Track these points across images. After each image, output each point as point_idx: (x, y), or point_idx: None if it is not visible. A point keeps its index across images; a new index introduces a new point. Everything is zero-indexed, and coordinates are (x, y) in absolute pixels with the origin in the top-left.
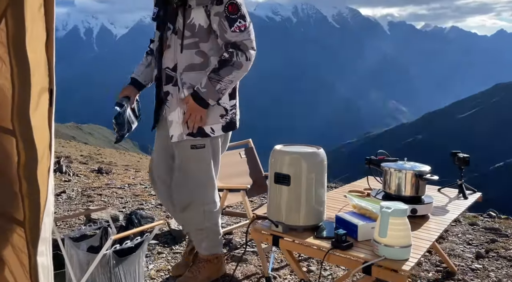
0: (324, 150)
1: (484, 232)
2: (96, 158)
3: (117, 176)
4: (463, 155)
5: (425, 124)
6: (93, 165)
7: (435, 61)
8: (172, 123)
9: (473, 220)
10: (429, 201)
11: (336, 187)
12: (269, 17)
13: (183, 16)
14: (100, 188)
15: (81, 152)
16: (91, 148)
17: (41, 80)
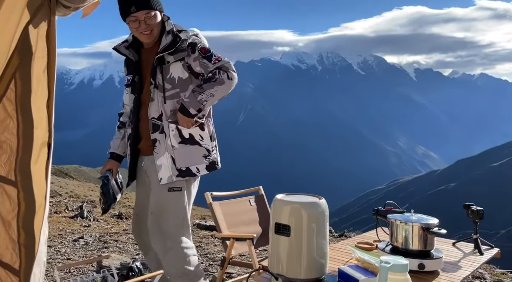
0: (352, 197)
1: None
2: (123, 201)
3: None
4: (477, 208)
5: (458, 172)
6: (120, 208)
7: (465, 108)
8: (161, 168)
9: (500, 277)
10: (438, 256)
11: (350, 236)
12: (295, 65)
13: (161, 73)
14: (118, 234)
15: None
16: None
17: (42, 135)
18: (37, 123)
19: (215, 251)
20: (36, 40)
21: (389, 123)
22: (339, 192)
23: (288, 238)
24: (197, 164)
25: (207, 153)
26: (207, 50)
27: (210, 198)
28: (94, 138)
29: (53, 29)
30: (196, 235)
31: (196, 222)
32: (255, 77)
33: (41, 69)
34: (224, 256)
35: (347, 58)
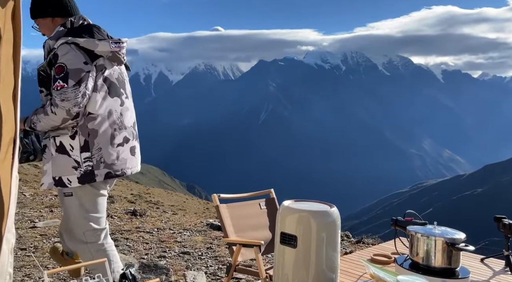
0: (374, 200)
1: None
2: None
3: (150, 219)
4: (509, 221)
5: (485, 177)
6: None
7: (494, 111)
8: (45, 173)
9: None
10: (465, 275)
11: (373, 243)
12: (318, 65)
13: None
14: (129, 231)
15: (131, 190)
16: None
17: (10, 130)
18: (5, 117)
19: (225, 254)
20: (4, 21)
21: (414, 126)
22: (361, 195)
23: (294, 250)
24: (68, 175)
25: (76, 164)
26: (60, 71)
27: (217, 200)
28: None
29: (19, 9)
30: (207, 236)
31: (210, 221)
32: (277, 77)
33: (9, 54)
34: (230, 262)
35: (372, 59)
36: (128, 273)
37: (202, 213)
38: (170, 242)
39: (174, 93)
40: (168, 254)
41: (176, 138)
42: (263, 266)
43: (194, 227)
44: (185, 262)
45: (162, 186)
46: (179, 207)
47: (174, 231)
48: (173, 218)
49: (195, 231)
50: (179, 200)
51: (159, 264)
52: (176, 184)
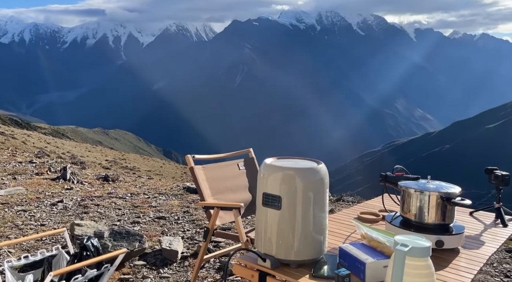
0: (348, 159)
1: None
2: (120, 162)
3: (123, 184)
4: (502, 172)
5: (453, 134)
6: (117, 170)
7: (464, 69)
8: None
9: (510, 244)
10: (459, 231)
11: (352, 201)
12: (293, 24)
13: None
14: (101, 198)
15: (106, 156)
16: (116, 153)
17: None
18: None
19: (203, 218)
20: None
21: (388, 86)
22: (335, 154)
23: (278, 211)
24: None
25: None
26: None
27: (191, 161)
28: (88, 99)
29: None
30: (184, 199)
31: (186, 185)
32: (252, 38)
33: None
34: (207, 227)
35: (346, 18)
36: (89, 244)
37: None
38: (145, 207)
39: (145, 56)
40: (142, 220)
41: (150, 103)
42: (243, 229)
43: (170, 191)
44: (160, 227)
45: (138, 152)
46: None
47: (149, 195)
48: (148, 183)
49: (171, 195)
50: (155, 165)
51: (132, 230)
52: (152, 149)
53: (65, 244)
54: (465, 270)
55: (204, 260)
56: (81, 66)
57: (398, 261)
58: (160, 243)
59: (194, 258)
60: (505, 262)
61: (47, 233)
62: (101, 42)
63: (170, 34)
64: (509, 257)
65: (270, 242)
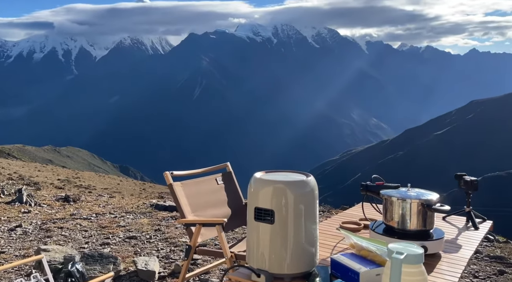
0: (308, 168)
1: (489, 261)
2: (74, 181)
3: (86, 204)
4: (471, 178)
5: (405, 141)
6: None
7: (413, 79)
8: None
9: None
10: (440, 236)
11: (323, 211)
12: (250, 37)
13: None
14: (63, 220)
15: (59, 175)
16: (69, 171)
17: None
18: None
19: (176, 235)
20: None
21: (343, 96)
22: (295, 164)
23: (270, 226)
24: None
25: None
26: None
27: (170, 178)
28: (36, 116)
29: None
30: (154, 217)
31: (153, 202)
32: (210, 51)
33: None
34: (188, 244)
35: (301, 31)
36: (74, 270)
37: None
38: (113, 227)
39: (98, 70)
40: (112, 241)
41: (104, 118)
42: (227, 245)
43: (138, 209)
44: (132, 248)
45: (93, 169)
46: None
47: (116, 215)
48: (111, 202)
49: (139, 213)
50: (112, 183)
51: (104, 253)
52: (108, 166)
53: (30, 271)
54: (449, 274)
55: (186, 279)
56: (28, 82)
57: (395, 269)
58: (135, 264)
59: (172, 278)
60: (472, 263)
61: (25, 260)
62: (50, 56)
63: (125, 47)
64: (474, 257)
65: (263, 256)
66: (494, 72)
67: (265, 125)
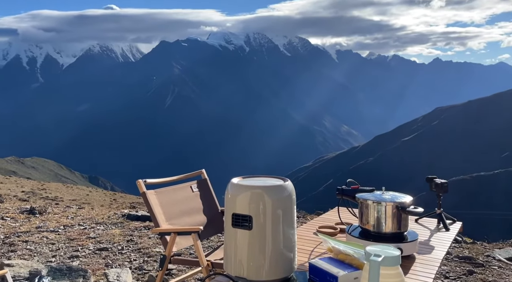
0: (282, 175)
1: (459, 261)
2: (39, 193)
3: (53, 216)
4: (441, 180)
5: (375, 147)
6: (36, 201)
7: (381, 87)
8: None
9: None
10: (414, 238)
11: (298, 216)
12: (223, 46)
13: None
14: (28, 233)
15: (23, 187)
16: (34, 182)
17: None
18: None
19: (149, 245)
20: None
21: (315, 104)
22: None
23: (248, 232)
24: None
25: None
26: None
27: (143, 186)
28: (3, 126)
29: None
30: (126, 228)
31: (125, 212)
32: (181, 58)
33: None
34: (163, 254)
35: (273, 40)
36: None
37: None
38: (82, 239)
39: (66, 78)
40: (82, 253)
41: (73, 127)
42: (203, 253)
43: (108, 220)
44: (103, 260)
45: (60, 180)
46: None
47: (85, 226)
48: (80, 213)
49: (110, 224)
50: (81, 194)
51: (73, 266)
52: (76, 177)
53: None
54: (423, 275)
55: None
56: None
57: (373, 271)
58: (106, 276)
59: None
60: (443, 264)
61: None
62: (14, 63)
63: (94, 54)
64: (445, 259)
65: (241, 264)
66: (456, 80)
67: (239, 133)
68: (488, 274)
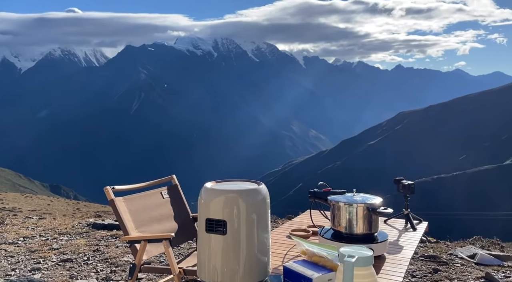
0: (251, 179)
1: (424, 260)
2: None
3: (11, 228)
4: (408, 182)
5: (342, 151)
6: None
7: (346, 92)
8: None
9: None
10: (384, 238)
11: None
12: (190, 51)
13: None
14: None
15: None
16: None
17: None
18: None
19: (117, 254)
20: None
21: (283, 109)
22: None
23: (222, 237)
24: None
25: None
26: None
27: (111, 193)
28: None
29: None
30: (92, 237)
31: (90, 221)
32: (148, 63)
33: None
34: (132, 263)
35: (241, 45)
36: None
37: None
38: (44, 250)
39: (25, 83)
40: (44, 266)
41: (33, 134)
42: (175, 260)
43: (73, 230)
44: (67, 271)
45: (18, 190)
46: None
47: (47, 237)
48: (42, 223)
49: (74, 234)
50: (41, 203)
51: (34, 279)
52: (36, 186)
53: None
54: (394, 274)
55: None
56: None
57: (347, 272)
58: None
59: None
60: (410, 263)
61: None
62: None
63: (55, 59)
64: (412, 258)
65: (215, 269)
66: (417, 86)
67: (208, 139)
68: (451, 272)
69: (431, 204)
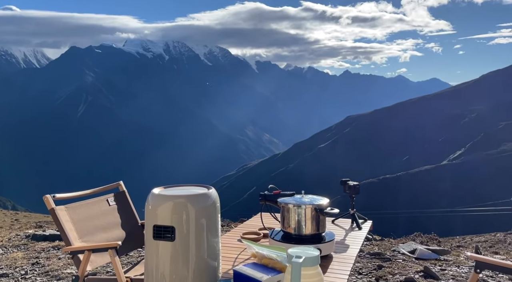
0: (205, 184)
1: (370, 258)
2: None
3: None
4: (353, 182)
5: (294, 154)
6: None
7: (298, 97)
8: None
9: None
10: (331, 238)
11: (222, 225)
12: (140, 53)
13: None
14: None
15: None
16: None
17: None
18: None
19: (59, 266)
20: None
21: (237, 113)
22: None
23: (171, 243)
24: None
25: None
26: None
27: (51, 202)
28: None
29: None
30: (31, 250)
31: (29, 232)
32: (95, 65)
33: None
34: (75, 275)
35: (194, 49)
36: None
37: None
38: None
39: None
40: None
41: None
42: (122, 270)
43: (9, 242)
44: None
45: None
46: None
47: None
48: None
49: (10, 247)
50: None
51: None
52: None
53: None
54: (340, 272)
55: None
56: None
57: (295, 272)
58: None
59: None
60: (356, 261)
61: None
62: None
63: None
64: (358, 256)
65: (163, 277)
66: (363, 91)
67: (160, 143)
68: (394, 267)
69: (377, 203)
